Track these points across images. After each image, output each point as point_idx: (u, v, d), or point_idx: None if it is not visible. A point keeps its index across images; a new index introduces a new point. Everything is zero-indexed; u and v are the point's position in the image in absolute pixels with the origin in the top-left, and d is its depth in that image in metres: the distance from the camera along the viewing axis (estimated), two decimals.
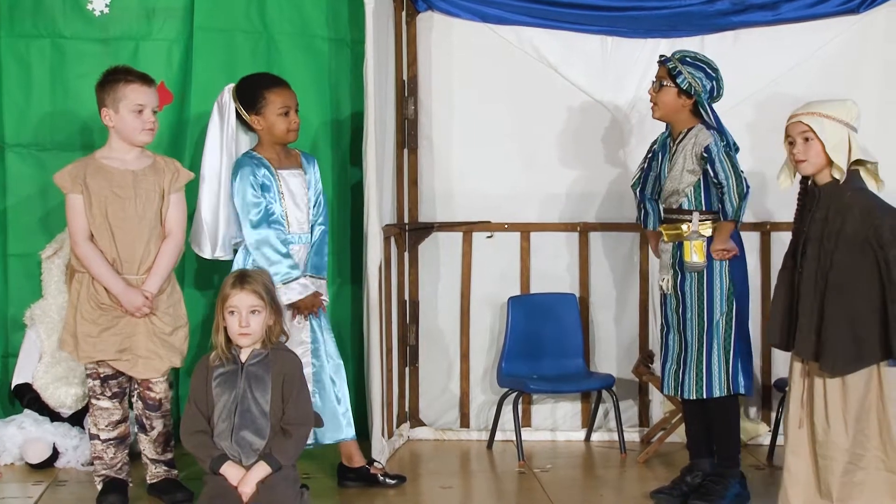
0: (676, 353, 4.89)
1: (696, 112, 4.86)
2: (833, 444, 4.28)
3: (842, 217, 4.24)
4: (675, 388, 4.90)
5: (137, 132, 4.76)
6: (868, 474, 4.25)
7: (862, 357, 4.20)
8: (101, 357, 4.73)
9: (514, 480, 5.28)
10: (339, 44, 5.77)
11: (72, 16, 5.61)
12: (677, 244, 4.88)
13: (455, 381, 5.98)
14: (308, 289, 4.91)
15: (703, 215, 4.83)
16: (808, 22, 5.75)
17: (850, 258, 4.20)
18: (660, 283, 4.98)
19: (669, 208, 4.93)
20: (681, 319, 4.87)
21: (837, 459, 4.28)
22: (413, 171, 5.93)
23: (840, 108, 4.33)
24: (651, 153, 5.04)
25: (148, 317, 4.74)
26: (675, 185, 4.86)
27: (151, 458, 4.87)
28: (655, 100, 4.89)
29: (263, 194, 4.92)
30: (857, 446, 4.26)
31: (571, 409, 5.99)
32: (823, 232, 4.27)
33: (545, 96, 5.88)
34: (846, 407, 4.26)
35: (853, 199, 4.24)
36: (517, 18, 5.84)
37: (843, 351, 4.19)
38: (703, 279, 4.82)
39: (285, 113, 4.96)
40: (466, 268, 5.95)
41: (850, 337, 4.19)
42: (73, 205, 4.75)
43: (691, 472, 4.91)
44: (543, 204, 5.93)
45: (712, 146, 4.77)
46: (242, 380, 4.38)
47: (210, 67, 5.59)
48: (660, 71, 4.89)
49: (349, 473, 5.10)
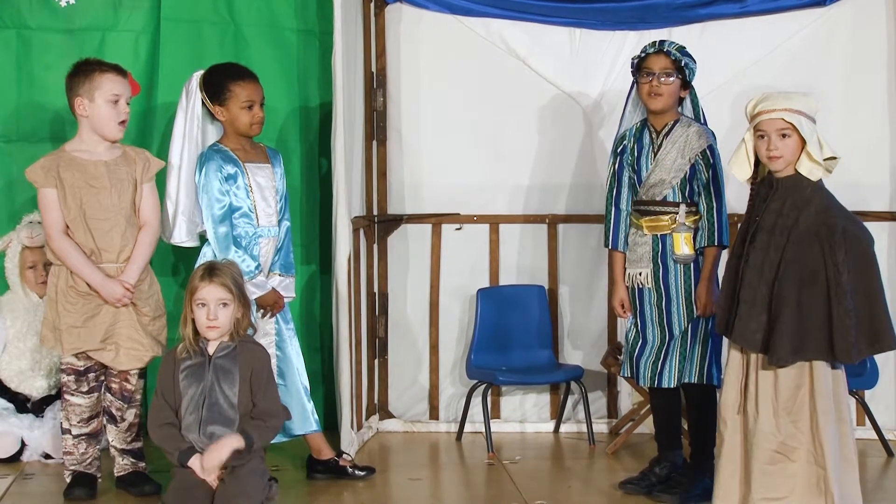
0: (657, 347, 4.84)
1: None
2: (760, 432, 4.28)
3: (798, 212, 4.25)
4: (653, 378, 4.83)
5: (113, 123, 4.74)
6: (800, 467, 4.27)
7: (805, 350, 4.20)
8: (86, 347, 4.71)
9: (484, 472, 5.28)
10: (308, 35, 5.76)
11: (37, 7, 5.57)
12: (659, 237, 4.84)
13: (424, 373, 5.99)
14: (265, 287, 4.90)
15: (687, 207, 4.82)
16: (775, 14, 5.79)
17: (801, 254, 4.22)
18: (635, 277, 4.89)
19: (651, 200, 4.86)
20: (663, 313, 4.83)
21: (762, 447, 4.28)
22: (382, 163, 5.92)
23: (810, 102, 4.33)
24: (621, 148, 4.95)
25: (129, 306, 4.72)
26: (662, 176, 4.81)
27: (119, 449, 4.85)
28: (661, 90, 4.79)
29: (230, 188, 4.90)
30: (791, 438, 4.25)
31: (540, 401, 6.00)
32: (776, 224, 4.28)
33: (514, 88, 5.89)
34: (776, 396, 4.28)
35: (811, 195, 4.25)
36: (485, 10, 5.85)
37: (788, 342, 4.21)
38: (688, 271, 4.81)
39: (249, 107, 4.93)
40: (435, 260, 5.95)
41: (795, 330, 4.20)
42: (46, 199, 4.72)
43: (659, 463, 4.91)
44: (512, 196, 5.94)
45: (715, 147, 4.78)
46: (210, 372, 4.38)
47: (177, 58, 5.57)
48: (663, 61, 4.79)
49: (318, 466, 5.09)
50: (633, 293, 4.93)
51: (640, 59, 4.87)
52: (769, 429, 4.27)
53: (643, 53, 4.87)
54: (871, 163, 5.76)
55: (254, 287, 4.83)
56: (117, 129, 4.77)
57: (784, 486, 4.26)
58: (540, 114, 5.92)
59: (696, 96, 4.93)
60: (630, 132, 4.97)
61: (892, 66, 5.78)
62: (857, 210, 4.81)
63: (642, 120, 4.95)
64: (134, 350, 4.75)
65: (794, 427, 4.25)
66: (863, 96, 5.77)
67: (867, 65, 5.78)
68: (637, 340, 4.91)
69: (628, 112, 5.01)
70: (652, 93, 4.81)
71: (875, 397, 5.70)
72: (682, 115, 4.91)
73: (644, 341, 4.89)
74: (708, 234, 4.79)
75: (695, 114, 4.94)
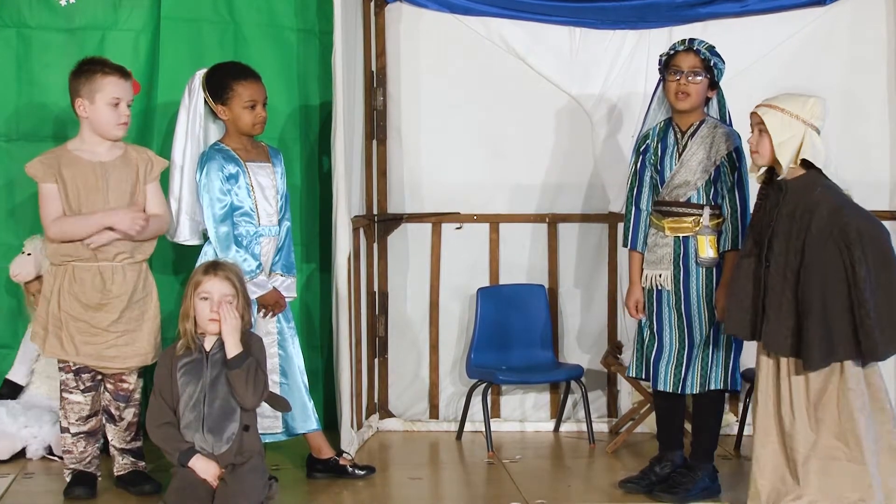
0: (676, 351, 4.78)
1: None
2: (799, 435, 4.31)
3: (809, 215, 4.25)
4: (676, 385, 4.76)
5: (112, 125, 4.74)
6: (825, 463, 4.28)
7: (836, 353, 4.23)
8: (67, 358, 4.71)
9: (484, 471, 5.28)
10: (308, 34, 5.76)
11: (37, 6, 5.57)
12: (681, 239, 4.78)
13: (424, 372, 5.99)
14: (266, 286, 4.90)
15: (711, 210, 4.76)
16: (775, 14, 5.79)
17: (819, 256, 4.22)
18: (654, 278, 4.82)
19: (675, 201, 4.78)
20: (682, 316, 4.77)
21: (801, 451, 4.31)
22: (382, 162, 5.92)
23: (799, 103, 4.31)
24: (644, 147, 4.88)
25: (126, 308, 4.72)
26: (687, 178, 4.74)
27: (119, 448, 4.85)
28: (689, 89, 4.71)
29: (231, 188, 4.90)
30: (824, 438, 4.29)
31: (540, 400, 6.00)
32: (791, 228, 4.28)
33: (514, 87, 5.89)
34: (808, 397, 4.30)
35: (821, 196, 4.25)
36: (485, 9, 5.85)
37: (819, 347, 4.22)
38: (710, 275, 4.74)
39: (252, 106, 4.93)
40: (435, 259, 5.95)
41: (824, 334, 4.21)
42: (46, 193, 4.71)
43: (660, 462, 4.90)
44: (512, 195, 5.94)
45: (742, 150, 4.70)
46: (209, 369, 4.38)
47: (177, 58, 5.56)
48: (692, 59, 4.71)
49: (318, 465, 5.09)
50: (649, 294, 4.86)
51: (669, 56, 4.78)
52: (806, 431, 4.28)
53: (672, 51, 4.78)
54: (871, 162, 5.78)
55: (255, 286, 4.83)
56: (117, 130, 4.77)
57: (826, 485, 4.27)
58: (540, 113, 5.91)
59: (723, 97, 4.86)
60: (654, 131, 4.89)
61: (892, 66, 5.78)
62: None
63: (666, 119, 4.87)
64: (126, 352, 4.74)
65: (820, 422, 4.26)
66: (863, 96, 5.78)
67: (867, 64, 5.79)
68: (653, 343, 4.83)
69: (653, 110, 4.94)
70: (679, 91, 4.73)
71: None
72: (707, 115, 4.83)
73: (661, 345, 4.82)
74: (732, 238, 4.72)
75: (721, 114, 4.87)
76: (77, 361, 4.72)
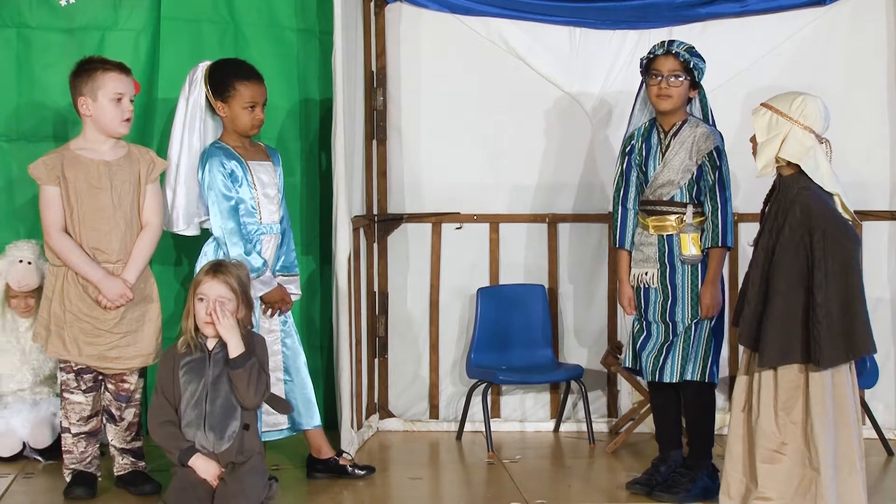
0: (660, 343, 4.84)
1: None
2: (760, 430, 4.31)
3: (784, 214, 4.26)
4: (654, 372, 4.83)
5: (116, 122, 4.74)
6: (793, 466, 4.27)
7: (788, 354, 4.23)
8: (88, 363, 4.71)
9: (484, 471, 5.28)
10: (308, 34, 5.76)
11: (37, 6, 5.57)
12: (666, 237, 4.85)
13: (424, 372, 5.99)
14: (271, 283, 4.90)
15: (694, 208, 4.82)
16: (775, 14, 5.79)
17: (785, 257, 4.23)
18: (640, 276, 4.89)
19: (659, 200, 4.86)
20: (667, 312, 4.83)
21: (761, 446, 4.30)
22: (382, 162, 5.92)
23: (787, 102, 4.31)
24: (629, 148, 4.95)
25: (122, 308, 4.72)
26: (670, 177, 4.82)
27: (119, 448, 4.85)
28: (670, 92, 4.80)
29: (234, 185, 4.90)
30: (784, 435, 4.29)
31: (540, 400, 6.00)
32: (773, 226, 4.30)
33: (514, 87, 5.89)
34: (776, 395, 4.29)
35: (797, 196, 4.26)
36: (485, 9, 5.84)
37: (772, 345, 4.23)
38: (696, 271, 4.81)
39: (251, 107, 4.93)
40: (436, 259, 5.95)
41: (780, 332, 4.22)
42: (48, 196, 4.71)
43: (664, 462, 4.91)
44: (512, 195, 5.94)
45: (721, 148, 4.79)
46: (211, 368, 4.38)
47: (177, 58, 5.56)
48: (671, 63, 4.79)
49: (318, 465, 5.09)
50: (638, 292, 4.93)
51: (649, 59, 4.86)
52: (770, 428, 4.28)
53: (651, 54, 4.86)
54: (871, 162, 5.77)
55: (261, 284, 4.83)
56: (122, 126, 4.77)
57: (780, 486, 4.27)
58: (540, 113, 5.91)
59: (704, 96, 4.93)
60: (638, 132, 4.96)
61: (892, 66, 5.78)
62: (857, 209, 4.81)
63: (650, 119, 4.95)
64: (128, 353, 4.74)
65: (794, 427, 4.26)
66: (863, 96, 5.78)
67: (867, 64, 5.79)
68: (641, 333, 4.92)
69: (637, 111, 5.00)
70: (660, 94, 4.81)
71: (875, 397, 5.70)
72: (690, 115, 4.90)
73: (648, 335, 4.89)
74: (712, 236, 4.79)
75: (703, 114, 4.93)
76: (79, 362, 4.72)
